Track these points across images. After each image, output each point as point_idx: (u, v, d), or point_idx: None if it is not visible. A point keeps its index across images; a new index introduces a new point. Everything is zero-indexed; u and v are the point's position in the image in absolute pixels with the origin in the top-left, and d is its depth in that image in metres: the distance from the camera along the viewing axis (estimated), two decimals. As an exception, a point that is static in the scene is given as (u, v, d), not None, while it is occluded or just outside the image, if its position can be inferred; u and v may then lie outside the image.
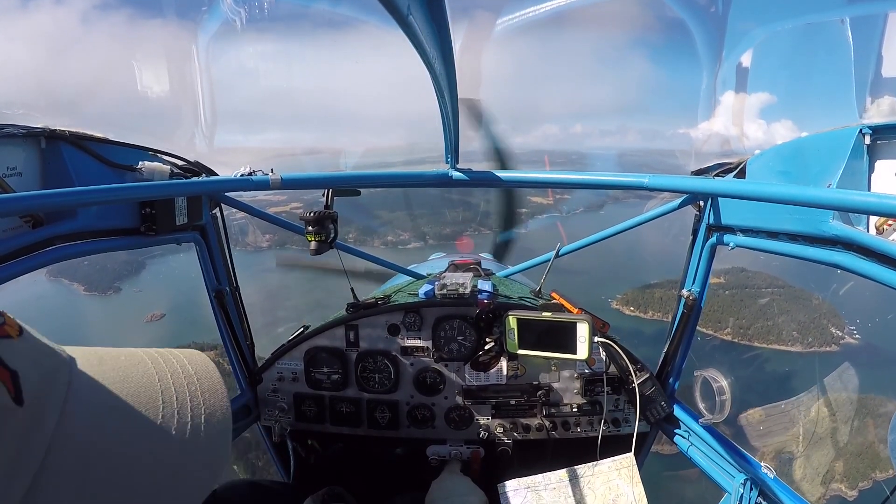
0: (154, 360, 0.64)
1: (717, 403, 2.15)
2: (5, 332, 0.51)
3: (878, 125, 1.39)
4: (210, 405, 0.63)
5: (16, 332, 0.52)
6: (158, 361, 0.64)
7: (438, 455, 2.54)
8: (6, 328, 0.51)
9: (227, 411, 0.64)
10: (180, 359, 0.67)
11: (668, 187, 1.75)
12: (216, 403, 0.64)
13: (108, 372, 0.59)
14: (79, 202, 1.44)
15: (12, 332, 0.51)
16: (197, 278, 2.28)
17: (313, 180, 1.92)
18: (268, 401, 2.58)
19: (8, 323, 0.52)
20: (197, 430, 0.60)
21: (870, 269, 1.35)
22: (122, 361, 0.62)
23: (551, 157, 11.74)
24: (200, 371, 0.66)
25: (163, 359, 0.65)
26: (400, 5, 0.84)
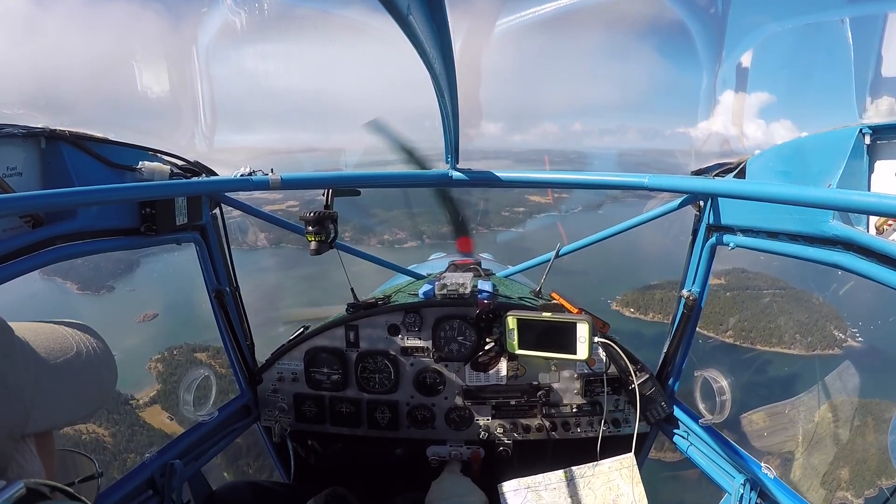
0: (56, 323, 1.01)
1: (718, 404, 2.15)
2: None
3: (878, 125, 1.39)
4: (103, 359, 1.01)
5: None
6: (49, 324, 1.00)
7: (438, 455, 2.54)
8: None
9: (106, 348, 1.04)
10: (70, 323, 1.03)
11: (667, 187, 1.75)
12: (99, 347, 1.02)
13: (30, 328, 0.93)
14: (79, 202, 1.44)
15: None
16: (192, 277, 2.28)
17: (313, 180, 1.92)
18: (268, 401, 2.58)
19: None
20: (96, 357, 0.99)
21: (870, 269, 1.35)
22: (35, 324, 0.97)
23: (551, 156, 11.79)
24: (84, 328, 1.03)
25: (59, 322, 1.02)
26: (400, 5, 0.84)
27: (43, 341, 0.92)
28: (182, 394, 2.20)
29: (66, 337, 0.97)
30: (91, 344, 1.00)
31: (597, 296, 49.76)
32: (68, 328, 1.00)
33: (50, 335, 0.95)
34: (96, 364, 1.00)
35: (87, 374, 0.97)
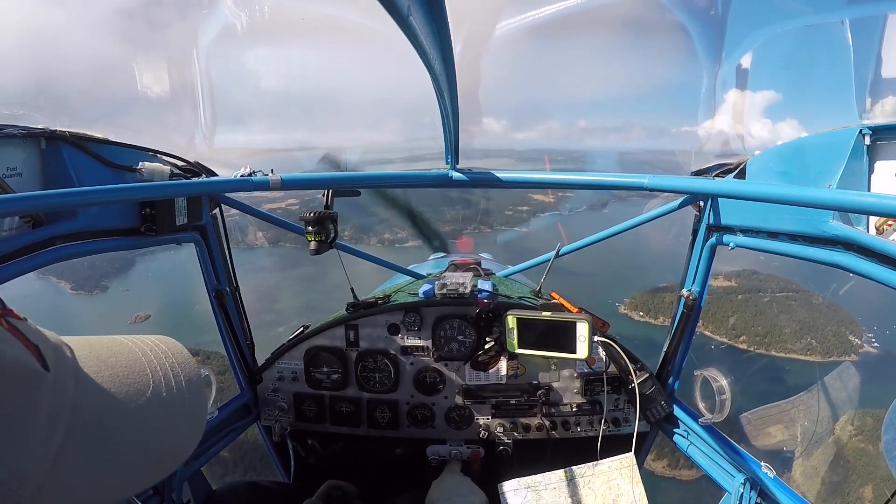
0: (132, 341, 0.74)
1: (717, 403, 2.15)
2: (15, 315, 0.57)
3: (877, 126, 1.39)
4: (186, 373, 0.74)
5: (23, 316, 0.59)
6: (135, 342, 0.74)
7: (438, 455, 2.54)
8: (14, 313, 0.58)
9: (199, 376, 0.77)
10: (152, 339, 0.77)
11: (667, 188, 1.75)
12: (190, 372, 0.75)
13: (98, 350, 0.68)
14: (79, 202, 1.45)
15: (21, 316, 0.59)
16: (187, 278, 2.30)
17: (313, 181, 1.92)
18: (268, 400, 2.59)
19: (14, 312, 0.58)
20: (180, 391, 0.72)
21: (870, 269, 1.35)
22: (105, 342, 0.71)
23: (553, 155, 11.79)
24: (171, 348, 0.77)
25: (139, 340, 0.75)
26: (400, 5, 0.84)
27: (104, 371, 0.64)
28: None
29: (140, 368, 0.69)
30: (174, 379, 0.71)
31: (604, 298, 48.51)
32: (146, 348, 0.73)
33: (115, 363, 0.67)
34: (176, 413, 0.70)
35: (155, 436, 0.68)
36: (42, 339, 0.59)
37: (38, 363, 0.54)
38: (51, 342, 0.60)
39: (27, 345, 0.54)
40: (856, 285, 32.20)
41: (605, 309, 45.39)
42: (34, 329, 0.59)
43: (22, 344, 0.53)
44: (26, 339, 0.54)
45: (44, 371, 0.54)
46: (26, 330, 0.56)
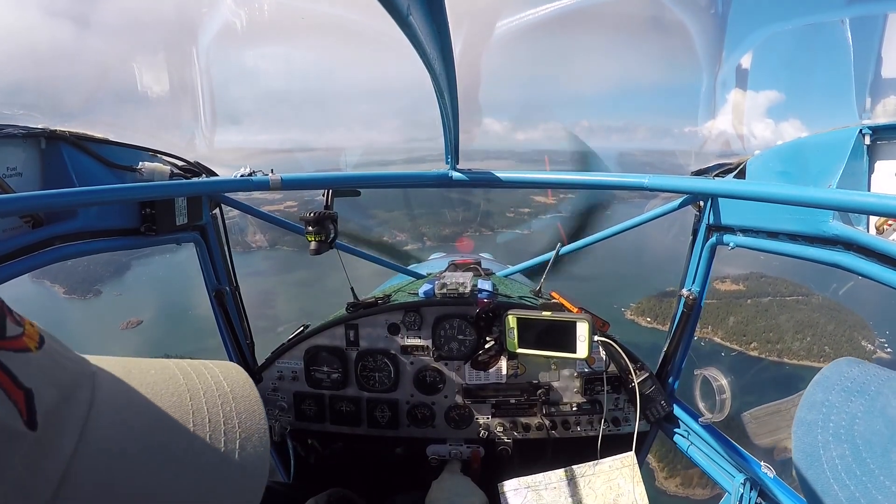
0: (186, 376, 0.59)
1: (717, 402, 2.16)
2: (23, 344, 0.46)
3: (877, 126, 1.39)
4: (246, 428, 0.56)
5: (35, 344, 0.47)
6: (191, 377, 0.59)
7: (438, 454, 2.54)
8: (24, 340, 0.46)
9: (264, 435, 0.57)
10: (215, 374, 0.61)
11: (667, 188, 1.75)
12: (252, 426, 0.57)
13: (135, 389, 0.54)
14: (79, 202, 1.44)
15: (31, 344, 0.47)
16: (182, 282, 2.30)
17: (313, 181, 1.92)
18: (268, 400, 2.59)
19: (27, 334, 0.47)
20: (230, 457, 0.53)
21: (870, 269, 1.35)
22: (151, 377, 0.56)
23: (554, 156, 11.67)
24: (237, 388, 0.60)
25: (196, 374, 0.59)
26: (400, 5, 0.84)
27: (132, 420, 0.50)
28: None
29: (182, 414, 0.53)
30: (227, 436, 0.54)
31: (608, 303, 47.43)
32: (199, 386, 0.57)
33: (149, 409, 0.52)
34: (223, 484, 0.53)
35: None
36: (47, 378, 0.46)
37: (22, 417, 0.41)
38: (62, 382, 0.47)
39: (12, 390, 0.41)
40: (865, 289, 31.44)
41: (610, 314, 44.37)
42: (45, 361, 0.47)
43: (3, 389, 0.41)
44: (13, 380, 0.42)
45: (24, 430, 0.41)
46: (22, 366, 0.43)
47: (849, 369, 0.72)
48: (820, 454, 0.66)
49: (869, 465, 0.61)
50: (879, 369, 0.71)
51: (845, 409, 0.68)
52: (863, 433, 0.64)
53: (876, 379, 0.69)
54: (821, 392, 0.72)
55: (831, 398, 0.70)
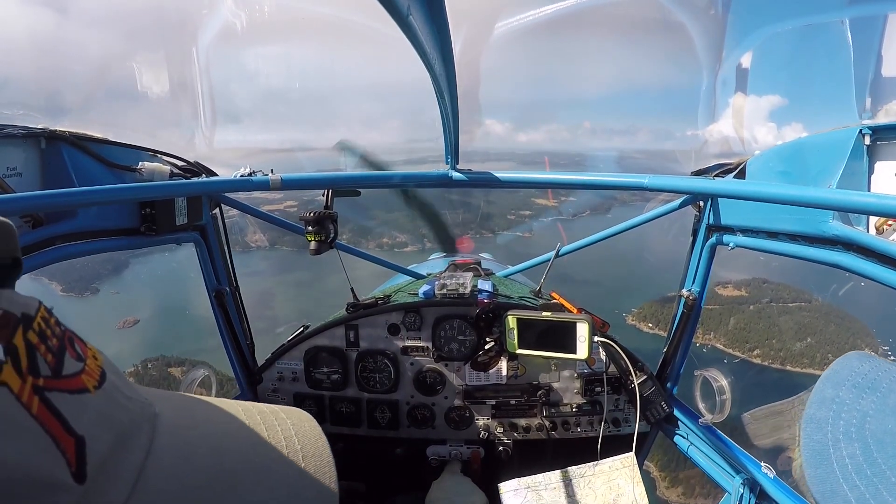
0: (256, 426, 0.54)
1: (717, 403, 2.15)
2: (81, 383, 0.42)
3: (877, 126, 1.39)
4: (315, 491, 0.51)
5: (94, 383, 0.44)
6: (261, 429, 0.54)
7: (438, 455, 2.54)
8: (83, 378, 0.43)
9: (334, 499, 0.52)
10: (286, 427, 0.56)
11: (667, 188, 1.75)
12: (322, 490, 0.51)
13: (198, 439, 0.50)
14: (79, 202, 1.44)
15: (90, 384, 0.43)
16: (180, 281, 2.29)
17: (313, 181, 1.92)
18: (268, 401, 2.58)
19: (88, 370, 0.44)
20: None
21: (870, 269, 1.35)
22: (216, 425, 0.52)
23: (555, 157, 11.59)
24: (308, 445, 0.55)
25: (266, 425, 0.55)
26: (400, 5, 0.84)
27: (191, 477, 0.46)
28: (183, 393, 2.20)
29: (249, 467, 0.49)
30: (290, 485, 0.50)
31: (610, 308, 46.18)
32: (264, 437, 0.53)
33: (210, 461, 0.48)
34: None
35: None
36: (103, 423, 0.42)
37: (70, 468, 0.37)
38: (119, 427, 0.43)
39: (62, 437, 0.38)
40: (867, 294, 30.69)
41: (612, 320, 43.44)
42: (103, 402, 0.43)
43: (52, 437, 0.37)
44: (64, 427, 0.38)
45: (70, 483, 0.37)
46: (77, 410, 0.40)
47: (860, 364, 0.69)
48: (830, 452, 0.64)
49: (880, 466, 0.58)
50: (891, 364, 0.69)
51: (856, 406, 0.65)
52: (874, 432, 0.62)
53: (887, 375, 0.67)
54: (831, 388, 0.69)
55: (842, 394, 0.67)
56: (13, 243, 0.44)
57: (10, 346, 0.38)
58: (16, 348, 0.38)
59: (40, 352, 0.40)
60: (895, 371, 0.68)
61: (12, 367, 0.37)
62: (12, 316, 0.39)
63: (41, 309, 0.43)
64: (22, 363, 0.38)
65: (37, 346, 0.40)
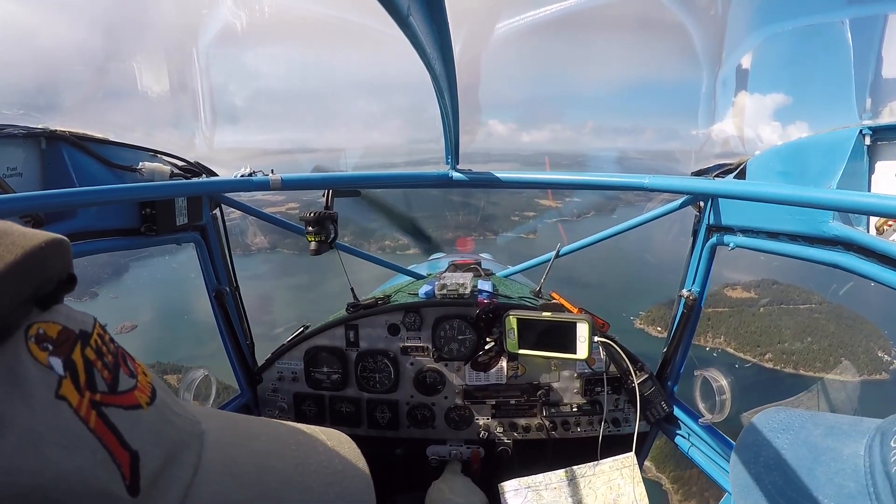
0: (298, 446, 0.55)
1: (717, 403, 2.15)
2: (134, 399, 0.43)
3: (878, 126, 1.39)
4: None
5: (147, 399, 0.45)
6: (303, 449, 0.55)
7: (438, 455, 2.54)
8: (136, 394, 0.44)
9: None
10: (327, 448, 0.57)
11: (667, 188, 1.75)
12: None
13: (244, 457, 0.50)
14: (79, 202, 1.45)
15: (142, 400, 0.44)
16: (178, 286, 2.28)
17: (313, 181, 1.92)
18: (268, 401, 2.58)
19: (140, 386, 0.45)
20: None
21: (870, 269, 1.35)
22: (260, 444, 0.53)
23: (557, 158, 11.55)
24: (349, 467, 0.55)
25: (308, 445, 0.56)
26: (400, 5, 0.84)
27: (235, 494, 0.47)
28: (182, 394, 2.20)
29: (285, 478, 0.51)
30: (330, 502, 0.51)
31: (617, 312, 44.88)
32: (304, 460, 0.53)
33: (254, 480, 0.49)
34: None
35: None
36: (155, 438, 0.43)
37: (125, 481, 0.38)
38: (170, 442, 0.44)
39: (118, 451, 0.39)
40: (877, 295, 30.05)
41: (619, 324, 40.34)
42: (155, 418, 0.44)
43: (108, 451, 0.38)
44: (120, 441, 0.39)
45: (125, 496, 0.38)
46: (131, 425, 0.41)
47: (776, 415, 0.83)
48: (755, 485, 0.75)
49: (798, 484, 0.70)
50: (803, 412, 0.83)
51: (773, 444, 0.78)
52: (790, 460, 0.74)
53: (800, 418, 0.81)
54: (752, 435, 0.83)
55: (761, 438, 0.81)
56: (68, 259, 0.44)
57: (70, 361, 0.39)
58: (74, 364, 0.39)
59: (97, 368, 0.41)
60: (807, 414, 0.82)
61: (71, 383, 0.38)
62: (71, 332, 0.40)
63: (97, 325, 0.44)
64: (80, 378, 0.39)
65: (94, 363, 0.41)
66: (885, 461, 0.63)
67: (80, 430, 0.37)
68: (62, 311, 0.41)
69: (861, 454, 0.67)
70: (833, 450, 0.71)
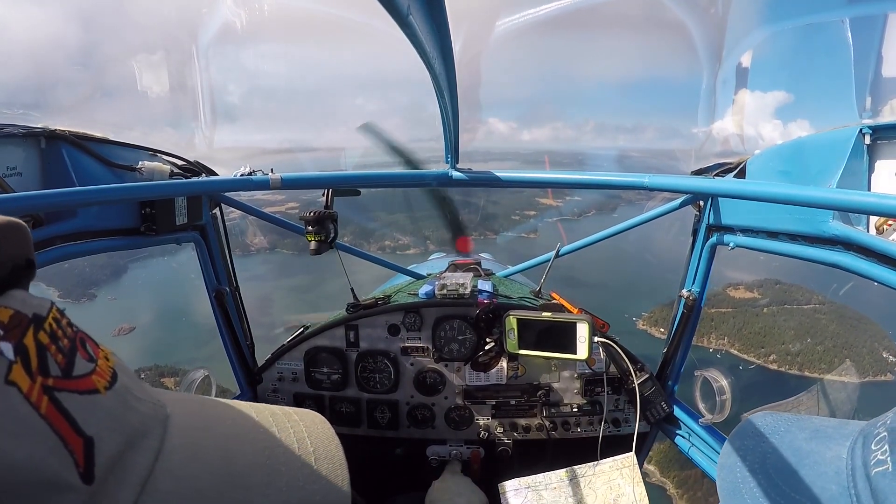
0: (268, 428, 0.54)
1: (718, 403, 2.15)
2: (91, 384, 0.42)
3: (878, 125, 1.39)
4: (326, 493, 0.51)
5: (105, 384, 0.44)
6: (273, 431, 0.54)
7: (438, 455, 2.54)
8: (93, 379, 0.43)
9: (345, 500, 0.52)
10: (299, 429, 0.55)
11: (667, 187, 1.75)
12: (333, 493, 0.51)
13: (209, 441, 0.49)
14: (79, 202, 1.45)
15: (100, 385, 0.43)
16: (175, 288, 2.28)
17: (313, 180, 1.92)
18: (268, 401, 2.58)
19: (99, 370, 0.44)
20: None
21: (870, 269, 1.35)
22: (228, 427, 0.52)
23: (557, 157, 11.51)
24: (321, 447, 0.54)
25: (279, 427, 0.54)
26: (400, 5, 0.84)
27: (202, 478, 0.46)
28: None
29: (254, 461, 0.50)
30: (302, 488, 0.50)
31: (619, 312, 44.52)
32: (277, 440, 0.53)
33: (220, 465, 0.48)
34: None
35: None
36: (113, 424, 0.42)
37: (78, 469, 0.38)
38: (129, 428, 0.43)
39: (70, 438, 0.38)
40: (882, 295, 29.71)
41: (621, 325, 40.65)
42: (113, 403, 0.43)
43: (60, 437, 0.37)
44: (73, 427, 0.38)
45: (78, 483, 0.37)
46: (86, 410, 0.40)
47: (763, 419, 0.85)
48: (741, 489, 0.77)
49: (782, 488, 0.72)
50: (790, 415, 0.85)
51: (758, 449, 0.80)
52: (775, 463, 0.76)
53: (786, 422, 0.82)
54: (738, 440, 0.85)
55: (746, 443, 0.83)
56: (27, 244, 0.44)
57: (21, 346, 0.38)
58: (26, 348, 0.38)
59: (51, 352, 0.40)
60: (792, 419, 0.83)
61: (22, 367, 0.37)
62: (24, 316, 0.40)
63: (53, 310, 0.44)
64: (32, 363, 0.38)
65: (47, 347, 0.40)
66: (865, 463, 0.63)
67: (30, 417, 0.36)
68: (17, 296, 0.41)
69: (844, 457, 0.68)
70: (817, 453, 0.72)
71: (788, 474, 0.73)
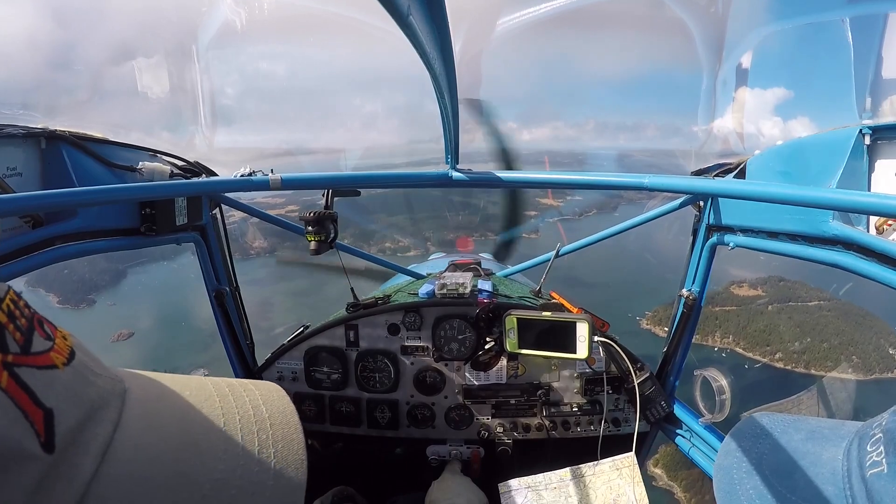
0: (223, 398, 0.55)
1: (718, 403, 2.15)
2: (49, 360, 0.44)
3: (878, 125, 1.39)
4: (282, 457, 0.53)
5: (63, 360, 0.46)
6: (228, 400, 0.55)
7: (438, 455, 2.54)
8: (52, 355, 0.45)
9: (301, 466, 0.54)
10: (254, 397, 0.57)
11: (667, 187, 1.75)
12: (290, 455, 0.53)
13: (167, 410, 0.51)
14: (79, 202, 1.45)
15: (58, 361, 0.45)
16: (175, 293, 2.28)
17: (313, 181, 1.92)
18: None
19: (57, 348, 0.46)
20: (262, 489, 0.50)
21: (870, 269, 1.35)
22: (185, 398, 0.53)
23: (556, 157, 11.51)
24: (276, 414, 0.56)
25: (234, 396, 0.56)
26: (400, 5, 0.84)
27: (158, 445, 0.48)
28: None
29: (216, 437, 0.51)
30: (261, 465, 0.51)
31: (622, 312, 44.05)
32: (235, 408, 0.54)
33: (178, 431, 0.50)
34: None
35: None
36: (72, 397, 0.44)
37: (39, 438, 0.39)
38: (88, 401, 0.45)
39: (30, 410, 0.39)
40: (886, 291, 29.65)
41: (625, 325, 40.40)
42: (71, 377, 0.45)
43: (21, 409, 0.39)
44: (33, 400, 0.40)
45: (40, 453, 0.39)
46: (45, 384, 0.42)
47: (759, 420, 0.85)
48: (737, 490, 0.78)
49: (778, 489, 0.72)
50: (786, 416, 0.86)
51: (754, 450, 0.81)
52: (770, 465, 0.76)
53: (782, 423, 0.83)
54: (735, 441, 0.85)
55: (743, 444, 0.83)
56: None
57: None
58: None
59: (9, 330, 0.42)
60: (789, 419, 0.84)
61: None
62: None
63: (10, 292, 0.45)
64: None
65: (5, 325, 0.42)
66: (861, 465, 0.63)
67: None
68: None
69: (839, 458, 0.68)
70: (813, 454, 0.73)
71: (785, 475, 0.73)
